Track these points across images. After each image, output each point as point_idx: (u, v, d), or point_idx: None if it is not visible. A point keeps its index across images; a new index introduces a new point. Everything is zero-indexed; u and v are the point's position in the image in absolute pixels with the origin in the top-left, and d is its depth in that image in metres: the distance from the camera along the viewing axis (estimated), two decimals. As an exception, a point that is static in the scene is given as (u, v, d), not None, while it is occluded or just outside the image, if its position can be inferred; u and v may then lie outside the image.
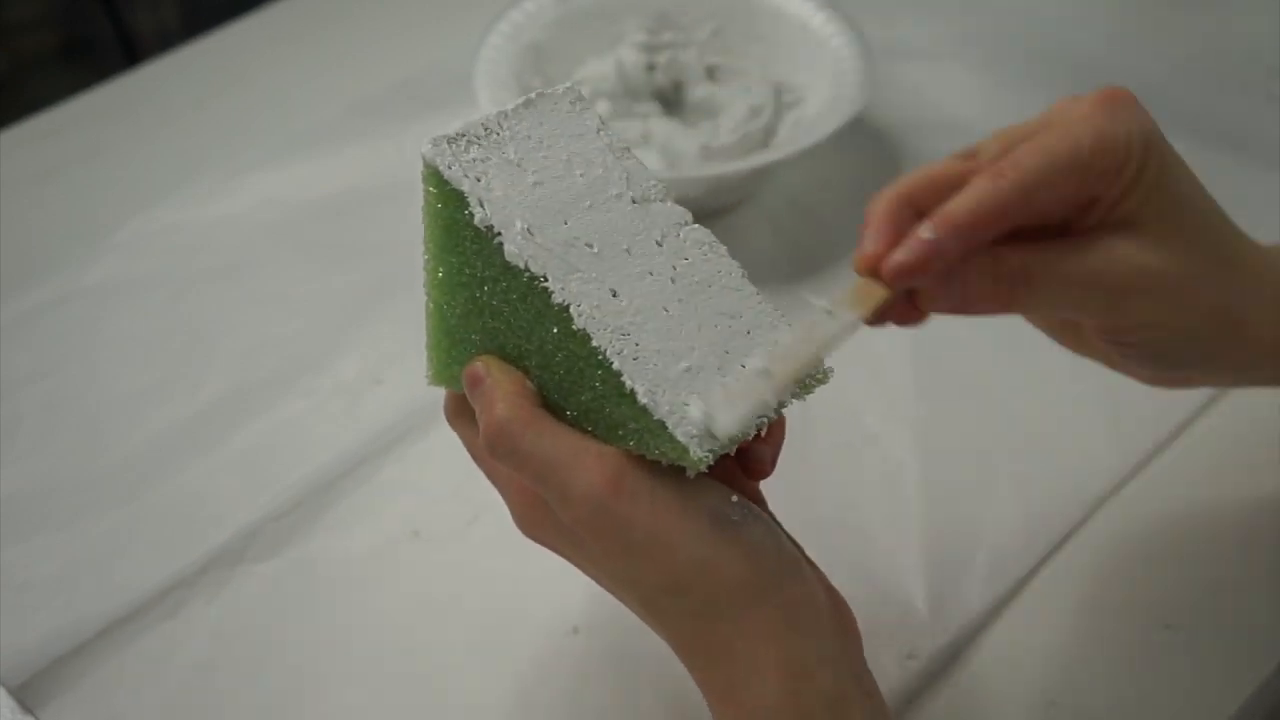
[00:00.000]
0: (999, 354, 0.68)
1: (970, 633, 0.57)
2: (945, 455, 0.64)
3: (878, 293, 0.44)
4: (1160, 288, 0.46)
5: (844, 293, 0.44)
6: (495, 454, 0.43)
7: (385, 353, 0.70)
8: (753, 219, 0.76)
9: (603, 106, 0.77)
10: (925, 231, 0.43)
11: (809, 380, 0.43)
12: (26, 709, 0.55)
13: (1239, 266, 0.48)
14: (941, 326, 0.69)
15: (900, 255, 0.43)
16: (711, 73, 0.81)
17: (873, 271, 0.44)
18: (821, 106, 0.74)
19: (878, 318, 0.45)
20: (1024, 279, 0.45)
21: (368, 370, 0.69)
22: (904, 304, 0.46)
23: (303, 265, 0.75)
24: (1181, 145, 0.47)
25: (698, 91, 0.79)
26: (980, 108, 0.81)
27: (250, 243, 0.76)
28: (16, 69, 1.23)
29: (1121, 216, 0.46)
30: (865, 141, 0.80)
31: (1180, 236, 0.46)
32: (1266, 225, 0.55)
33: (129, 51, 1.25)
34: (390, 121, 0.84)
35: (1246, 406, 0.65)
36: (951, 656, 0.56)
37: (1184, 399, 0.65)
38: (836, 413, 0.66)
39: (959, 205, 0.44)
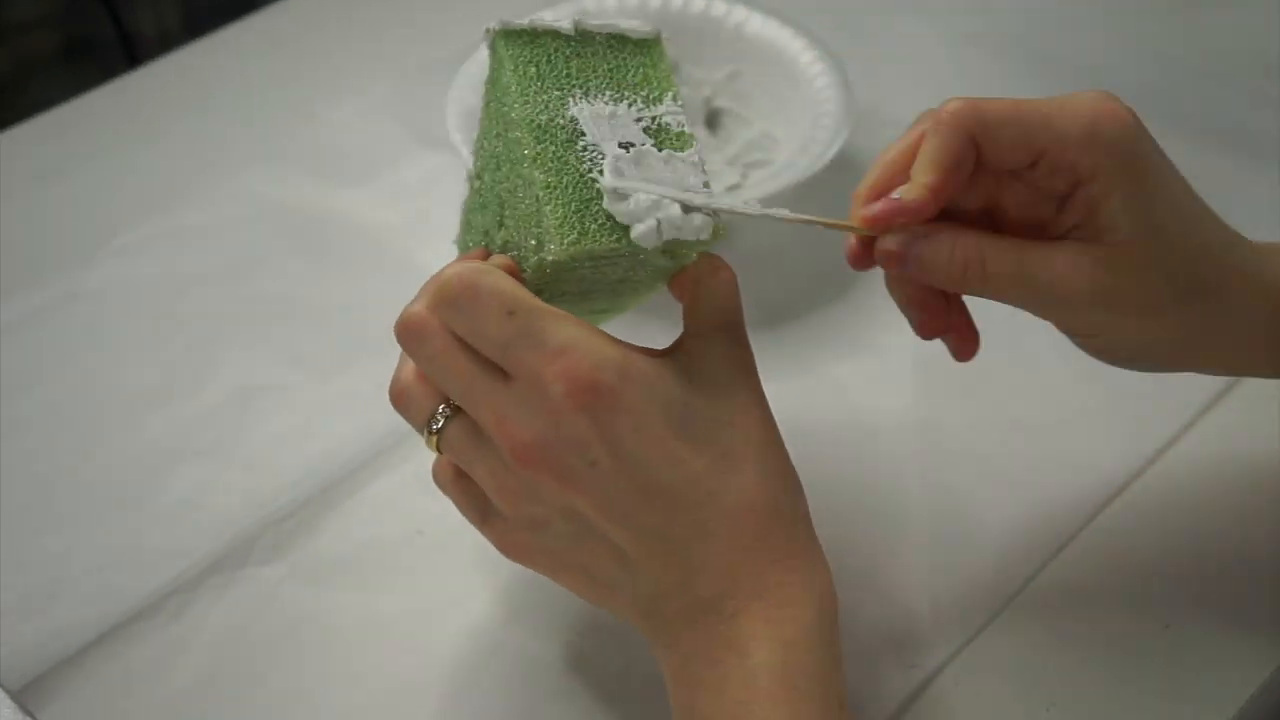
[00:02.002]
0: (1000, 357, 0.67)
1: (972, 636, 0.57)
2: (947, 458, 0.64)
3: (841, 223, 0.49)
4: (1116, 307, 0.47)
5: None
6: (513, 318, 0.43)
7: (388, 355, 0.70)
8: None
9: None
10: (895, 192, 0.48)
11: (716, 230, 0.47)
12: (27, 712, 0.55)
13: (1210, 297, 0.48)
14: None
15: (872, 208, 0.48)
16: (715, 116, 0.80)
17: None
18: (794, 152, 0.72)
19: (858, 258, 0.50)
20: (979, 266, 0.47)
21: (370, 372, 0.69)
22: (861, 250, 0.50)
23: (304, 267, 0.75)
24: (1181, 145, 0.47)
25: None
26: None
27: (252, 244, 0.76)
28: (17, 69, 1.23)
29: (1097, 226, 0.46)
30: (848, 181, 0.80)
31: (1150, 261, 0.47)
32: (1266, 225, 0.55)
33: (130, 52, 1.25)
34: (391, 121, 0.84)
35: (1247, 409, 0.65)
36: (951, 657, 0.56)
37: (1184, 402, 0.65)
38: (837, 415, 0.66)
39: (916, 168, 0.47)
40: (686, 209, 0.46)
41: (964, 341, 0.52)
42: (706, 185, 0.47)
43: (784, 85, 0.77)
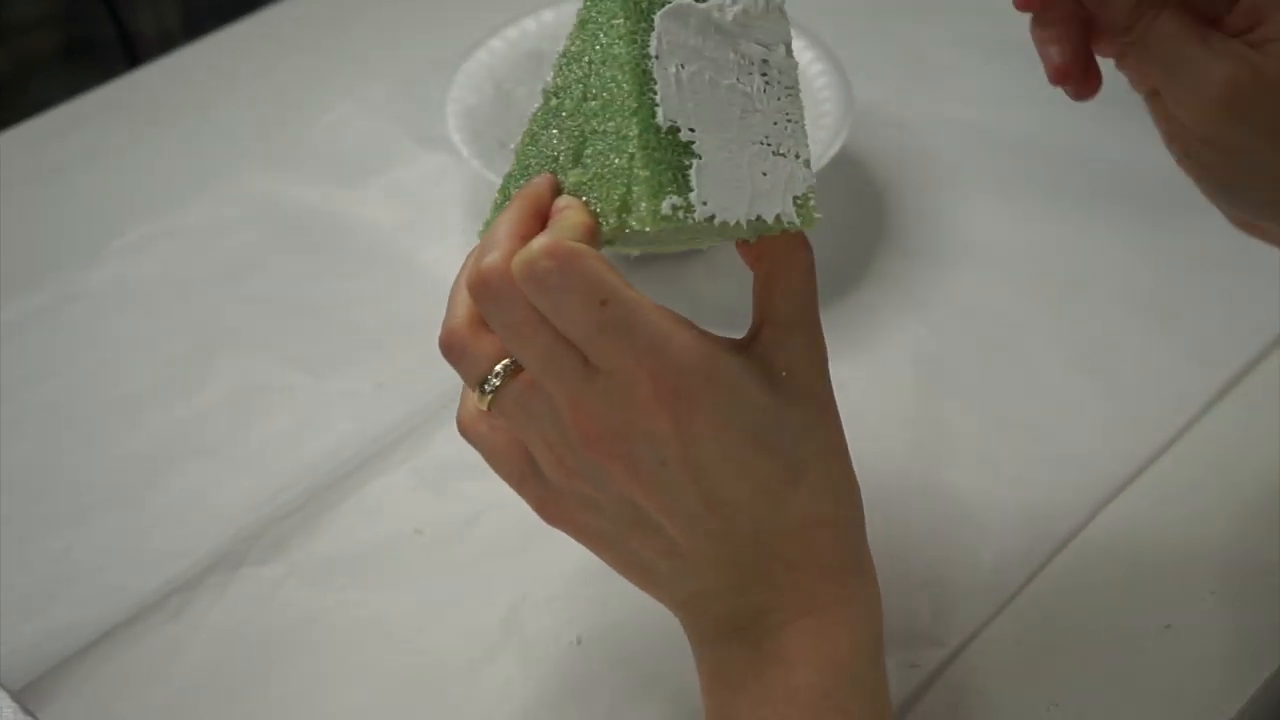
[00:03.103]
0: (1001, 359, 0.68)
1: (972, 636, 0.57)
2: (947, 458, 0.64)
3: None
4: (1244, 116, 0.44)
5: None
6: (585, 290, 0.40)
7: (388, 354, 0.70)
8: (721, 262, 0.74)
9: None
10: None
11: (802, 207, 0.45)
12: (28, 712, 0.55)
13: None
14: (942, 329, 0.69)
15: None
16: None
17: None
18: None
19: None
20: (1153, 15, 0.45)
21: (371, 372, 0.69)
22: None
23: (305, 267, 0.75)
24: (1181, 145, 0.47)
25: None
26: (976, 111, 0.81)
27: (252, 245, 0.76)
28: (17, 69, 1.22)
29: (1264, 33, 0.44)
30: (848, 181, 0.80)
31: None
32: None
33: (130, 52, 1.24)
34: (391, 121, 0.84)
35: (1247, 409, 0.65)
36: (952, 657, 0.56)
37: (1184, 403, 0.65)
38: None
39: None
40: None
41: (1088, 84, 0.49)
42: (806, 163, 0.45)
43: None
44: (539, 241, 0.40)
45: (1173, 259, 0.72)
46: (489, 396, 0.44)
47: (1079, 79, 0.48)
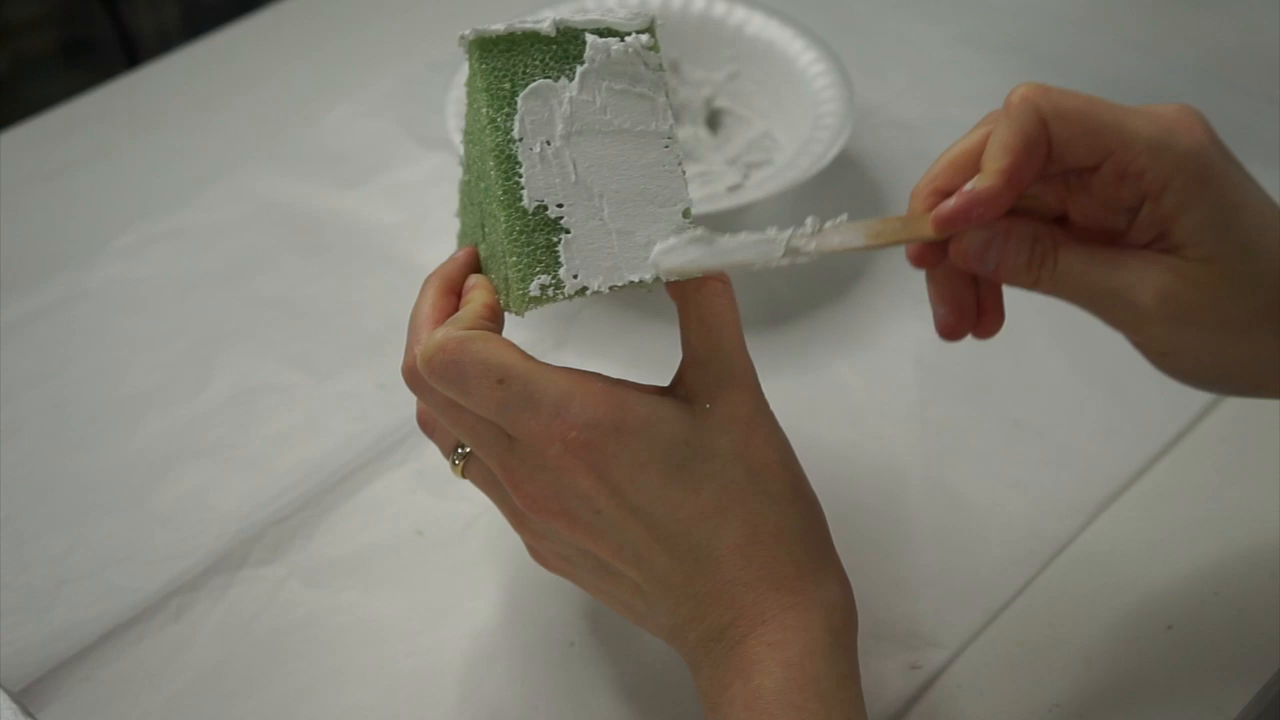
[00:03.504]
0: (1002, 359, 0.68)
1: (973, 637, 0.57)
2: (947, 458, 0.64)
3: (911, 231, 0.46)
4: (1189, 320, 0.46)
5: (880, 221, 0.46)
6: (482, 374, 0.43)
7: (388, 355, 0.70)
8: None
9: None
10: (968, 185, 0.46)
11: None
12: (28, 713, 0.55)
13: None
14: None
15: (948, 205, 0.46)
16: (716, 116, 0.80)
17: (928, 209, 0.47)
18: (795, 152, 0.71)
19: (919, 258, 0.49)
20: (1052, 263, 0.46)
21: (371, 373, 0.69)
22: (925, 248, 0.48)
23: (305, 267, 0.75)
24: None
25: (683, 133, 0.78)
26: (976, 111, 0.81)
27: (253, 245, 0.76)
28: (17, 69, 1.23)
29: (1174, 243, 0.45)
30: (848, 181, 0.80)
31: (1232, 278, 0.45)
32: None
33: (129, 52, 1.25)
34: (391, 121, 0.84)
35: (1247, 411, 0.65)
36: (953, 658, 0.56)
37: (1185, 404, 0.65)
38: (839, 418, 0.66)
39: (988, 156, 0.46)
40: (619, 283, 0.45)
41: (984, 329, 0.51)
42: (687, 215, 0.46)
43: (784, 85, 0.77)
44: (435, 337, 0.44)
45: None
46: (459, 465, 0.48)
47: (971, 329, 0.50)
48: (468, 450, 0.48)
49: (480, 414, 0.44)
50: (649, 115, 0.46)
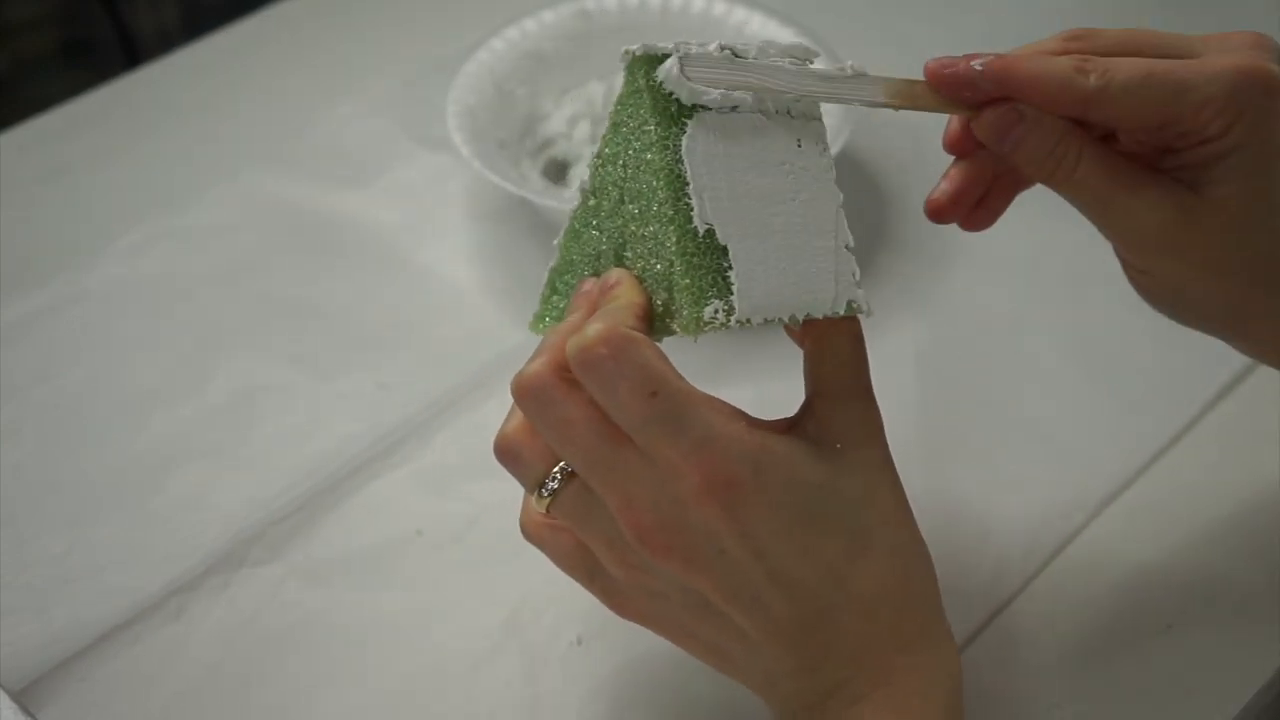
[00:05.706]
0: (1001, 358, 0.68)
1: (972, 637, 0.57)
2: (947, 458, 0.64)
3: (924, 100, 0.46)
4: (1183, 256, 0.45)
5: (895, 81, 0.45)
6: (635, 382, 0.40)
7: (389, 355, 0.70)
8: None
9: (584, 127, 0.76)
10: (977, 62, 0.44)
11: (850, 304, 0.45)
12: (27, 713, 0.55)
13: None
14: (943, 330, 0.69)
15: (940, 63, 0.45)
16: None
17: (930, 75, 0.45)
18: None
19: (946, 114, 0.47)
20: (1071, 166, 0.45)
21: (372, 372, 0.69)
22: (969, 140, 0.47)
23: (306, 267, 0.75)
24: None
25: None
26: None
27: (253, 245, 0.76)
28: (17, 69, 1.22)
29: (1201, 178, 0.45)
30: (848, 181, 0.80)
31: (1237, 224, 0.45)
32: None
33: (129, 52, 1.24)
34: (391, 121, 0.84)
35: (1247, 409, 0.65)
36: (953, 658, 0.57)
37: (1185, 404, 0.65)
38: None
39: (1023, 63, 0.44)
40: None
41: (981, 218, 0.50)
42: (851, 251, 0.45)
43: None
44: (594, 327, 0.41)
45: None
46: (548, 499, 0.44)
47: (960, 215, 0.50)
48: (556, 484, 0.44)
49: (619, 420, 0.41)
50: (812, 145, 0.46)
